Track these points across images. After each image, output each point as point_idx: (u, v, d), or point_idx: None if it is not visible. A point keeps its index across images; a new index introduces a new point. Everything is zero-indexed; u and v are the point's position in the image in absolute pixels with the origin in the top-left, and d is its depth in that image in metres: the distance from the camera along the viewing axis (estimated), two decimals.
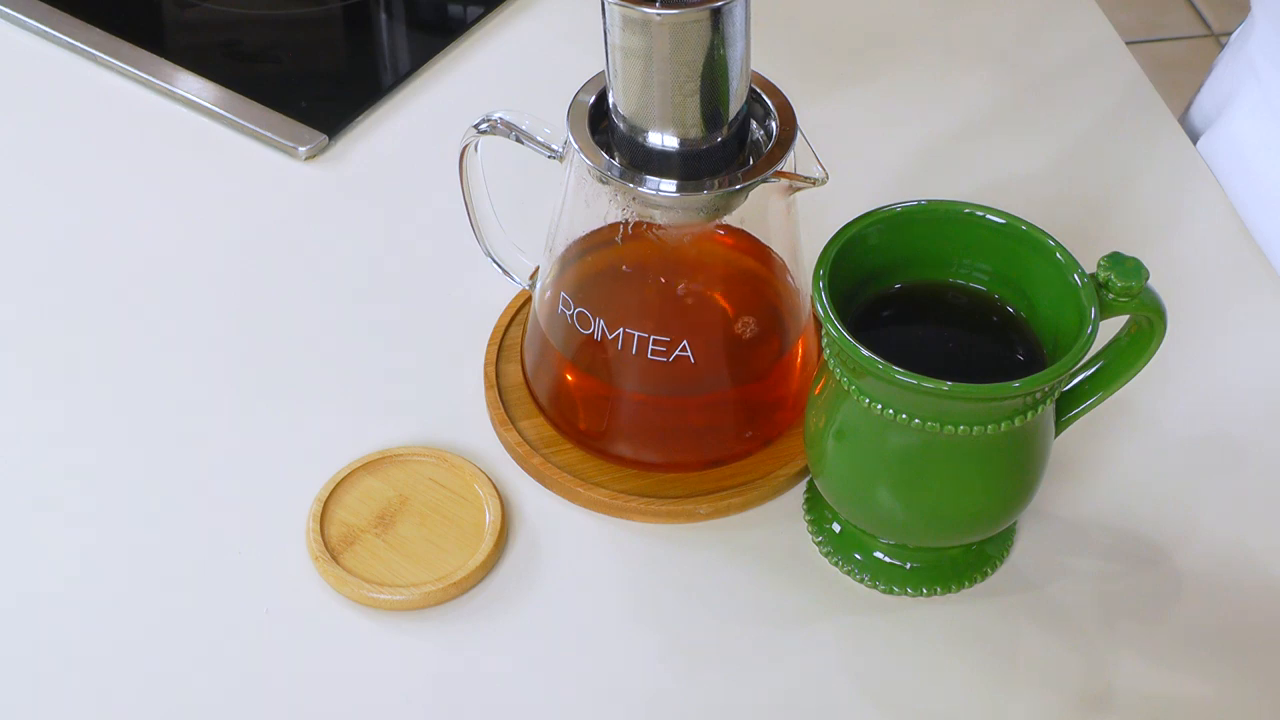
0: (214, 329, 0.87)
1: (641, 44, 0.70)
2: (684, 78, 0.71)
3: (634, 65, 0.71)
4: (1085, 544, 0.79)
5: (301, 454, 0.81)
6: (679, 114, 0.72)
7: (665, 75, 0.71)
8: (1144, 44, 2.17)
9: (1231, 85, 0.99)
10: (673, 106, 0.72)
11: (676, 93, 0.72)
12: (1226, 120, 0.97)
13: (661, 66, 0.71)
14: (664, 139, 0.73)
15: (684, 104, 0.72)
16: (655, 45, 0.70)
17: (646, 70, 0.71)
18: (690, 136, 0.73)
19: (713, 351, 0.79)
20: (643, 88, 0.72)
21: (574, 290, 0.79)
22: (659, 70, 0.71)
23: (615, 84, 0.73)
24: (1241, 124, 0.96)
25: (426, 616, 0.75)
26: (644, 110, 0.72)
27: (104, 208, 0.93)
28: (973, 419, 0.70)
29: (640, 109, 0.72)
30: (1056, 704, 0.74)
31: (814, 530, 0.79)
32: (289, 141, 0.96)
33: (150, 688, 0.73)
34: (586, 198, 0.76)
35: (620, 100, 0.73)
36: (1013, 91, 1.01)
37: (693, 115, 0.72)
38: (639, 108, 0.72)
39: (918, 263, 0.75)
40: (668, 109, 0.72)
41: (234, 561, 0.77)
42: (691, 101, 0.72)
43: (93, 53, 1.00)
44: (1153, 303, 0.72)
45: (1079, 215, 0.93)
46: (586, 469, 0.80)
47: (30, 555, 0.78)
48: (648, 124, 0.73)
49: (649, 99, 0.72)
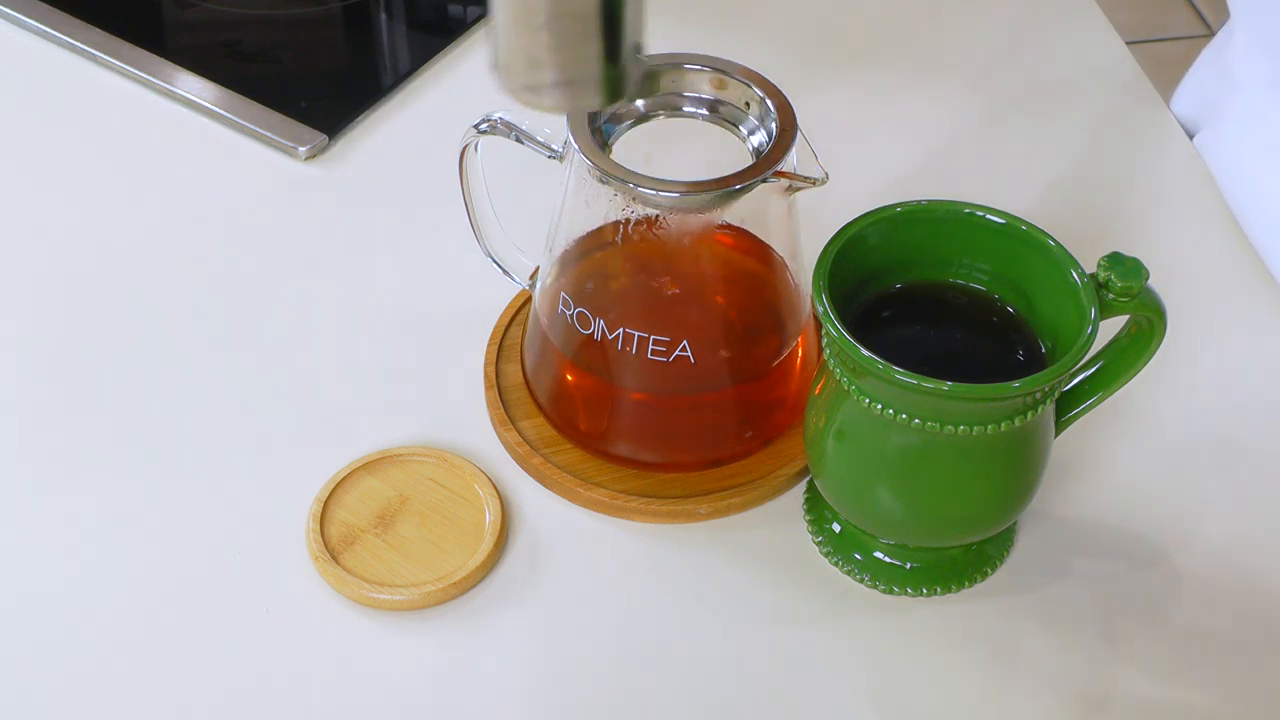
0: (214, 329, 0.87)
1: None
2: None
3: None
4: (1085, 544, 0.79)
5: (301, 454, 0.81)
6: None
7: None
8: (1144, 44, 2.17)
9: (1214, 91, 0.99)
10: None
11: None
12: (1213, 127, 0.97)
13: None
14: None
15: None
16: None
17: None
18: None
19: (712, 351, 0.79)
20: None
21: (574, 290, 0.79)
22: None
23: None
24: (1229, 129, 0.96)
25: (426, 616, 0.75)
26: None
27: (104, 208, 0.93)
28: (973, 419, 0.70)
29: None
30: (1056, 704, 0.74)
31: (814, 530, 0.79)
32: (289, 141, 0.96)
33: (150, 687, 0.73)
34: (586, 198, 0.76)
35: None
36: (1013, 91, 1.01)
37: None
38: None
39: (918, 263, 0.75)
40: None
41: (234, 561, 0.77)
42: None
43: (93, 53, 1.00)
44: (1153, 303, 0.72)
45: (1079, 215, 0.93)
46: (586, 469, 0.80)
47: (30, 555, 0.78)
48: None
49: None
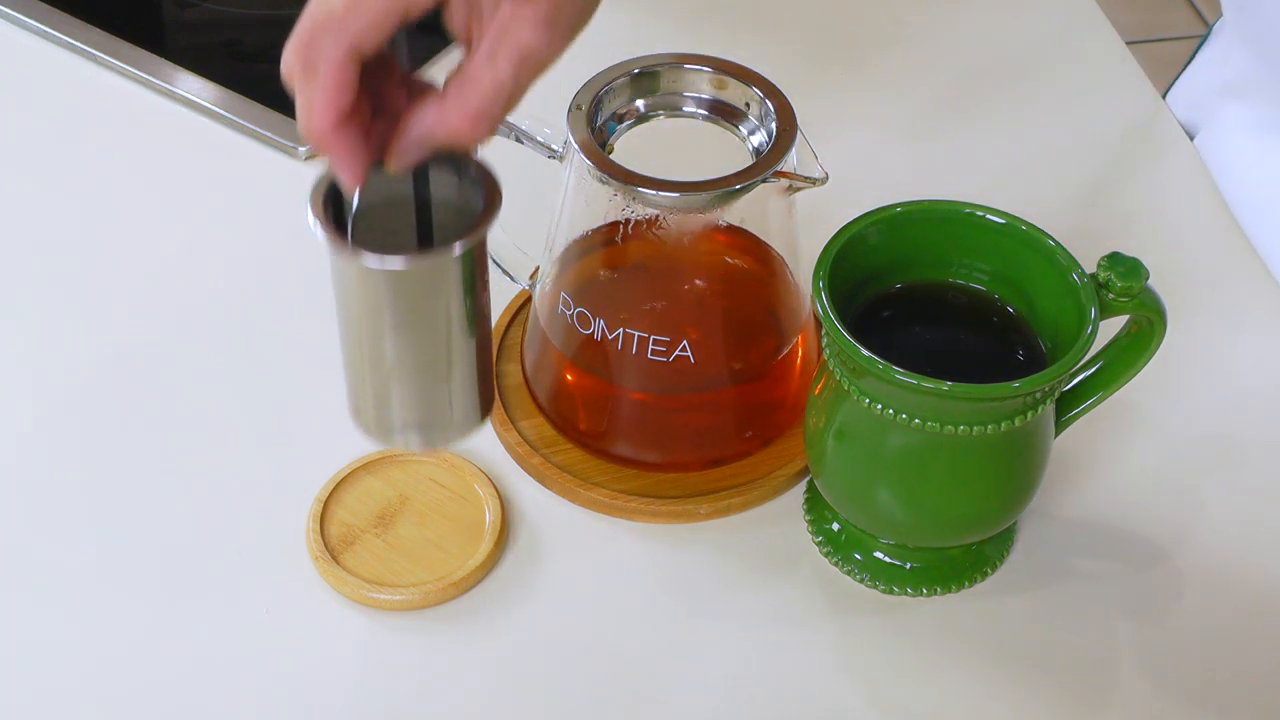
0: (214, 329, 0.87)
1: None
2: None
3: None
4: (1085, 544, 0.79)
5: (301, 454, 0.81)
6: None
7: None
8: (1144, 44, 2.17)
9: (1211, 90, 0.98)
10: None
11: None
12: (1211, 127, 0.97)
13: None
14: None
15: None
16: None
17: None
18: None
19: (712, 351, 0.79)
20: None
21: (574, 290, 0.79)
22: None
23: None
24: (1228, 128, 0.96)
25: (426, 616, 0.75)
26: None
27: (104, 208, 0.93)
28: (973, 419, 0.70)
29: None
30: (1057, 704, 0.74)
31: (814, 530, 0.79)
32: (289, 141, 0.96)
33: (150, 687, 0.73)
34: (586, 198, 0.77)
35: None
36: (1013, 92, 1.01)
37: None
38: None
39: (918, 263, 0.75)
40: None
41: (234, 561, 0.77)
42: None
43: (93, 53, 1.00)
44: (1153, 303, 0.72)
45: (1079, 215, 0.93)
46: (586, 469, 0.80)
47: (29, 555, 0.77)
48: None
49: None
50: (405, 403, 0.68)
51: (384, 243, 0.66)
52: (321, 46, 0.61)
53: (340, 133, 0.62)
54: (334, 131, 0.62)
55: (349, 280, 0.66)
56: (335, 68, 0.61)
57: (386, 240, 0.66)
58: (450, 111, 0.63)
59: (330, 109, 0.62)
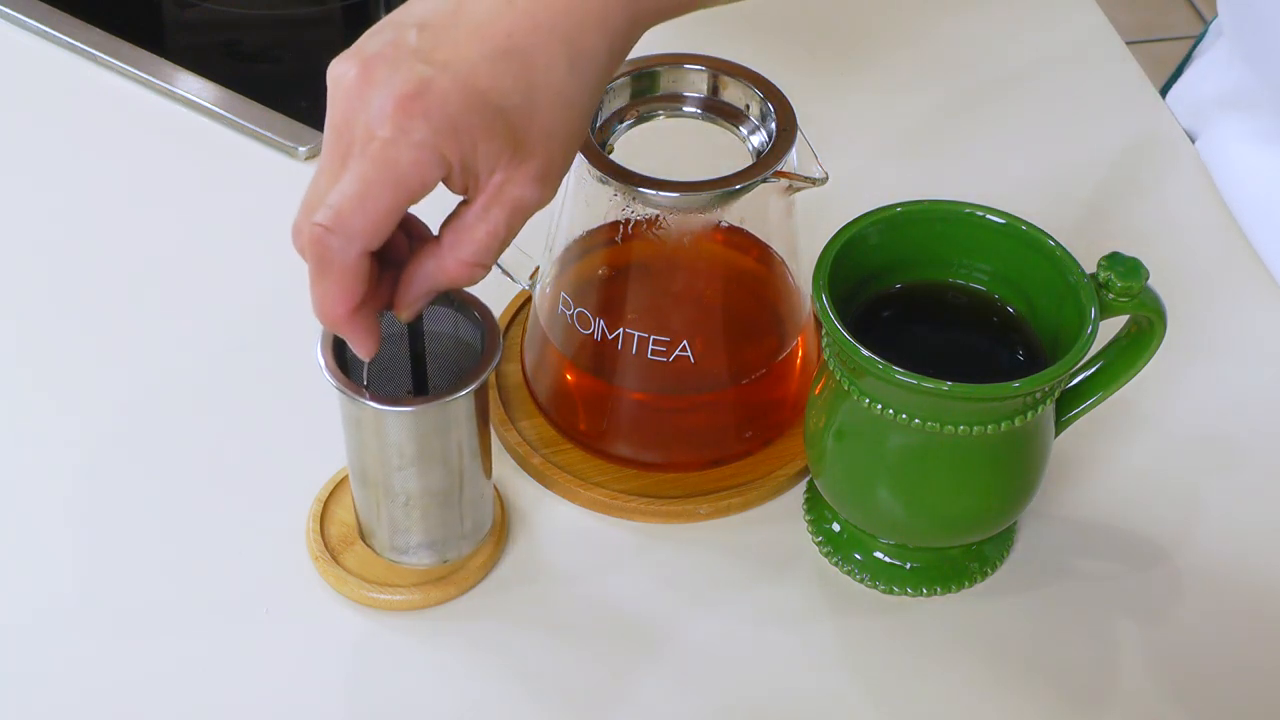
0: (214, 329, 0.87)
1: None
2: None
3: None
4: (1085, 544, 0.79)
5: (301, 454, 0.81)
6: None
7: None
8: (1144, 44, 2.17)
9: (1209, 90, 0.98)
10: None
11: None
12: (1211, 127, 0.97)
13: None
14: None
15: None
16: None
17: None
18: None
19: (712, 351, 0.79)
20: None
21: (574, 290, 0.79)
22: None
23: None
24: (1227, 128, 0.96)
25: (426, 616, 0.75)
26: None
27: (104, 208, 0.93)
28: (973, 419, 0.70)
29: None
30: (1056, 704, 0.74)
31: (814, 530, 0.79)
32: (289, 141, 0.96)
33: (150, 687, 0.73)
34: (586, 198, 0.77)
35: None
36: (1013, 91, 1.01)
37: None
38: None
39: (918, 263, 0.75)
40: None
41: (234, 561, 0.77)
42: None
43: (93, 53, 1.00)
44: (1153, 303, 0.72)
45: (1079, 215, 0.93)
46: (586, 469, 0.80)
47: (29, 555, 0.77)
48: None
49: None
50: (417, 527, 0.72)
51: (384, 374, 0.71)
52: (332, 248, 0.63)
53: (353, 319, 0.65)
54: (349, 320, 0.65)
55: (360, 421, 0.69)
56: (348, 269, 0.64)
57: (386, 371, 0.71)
58: (447, 261, 0.66)
59: (344, 305, 0.65)
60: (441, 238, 0.67)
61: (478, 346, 0.70)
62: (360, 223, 0.63)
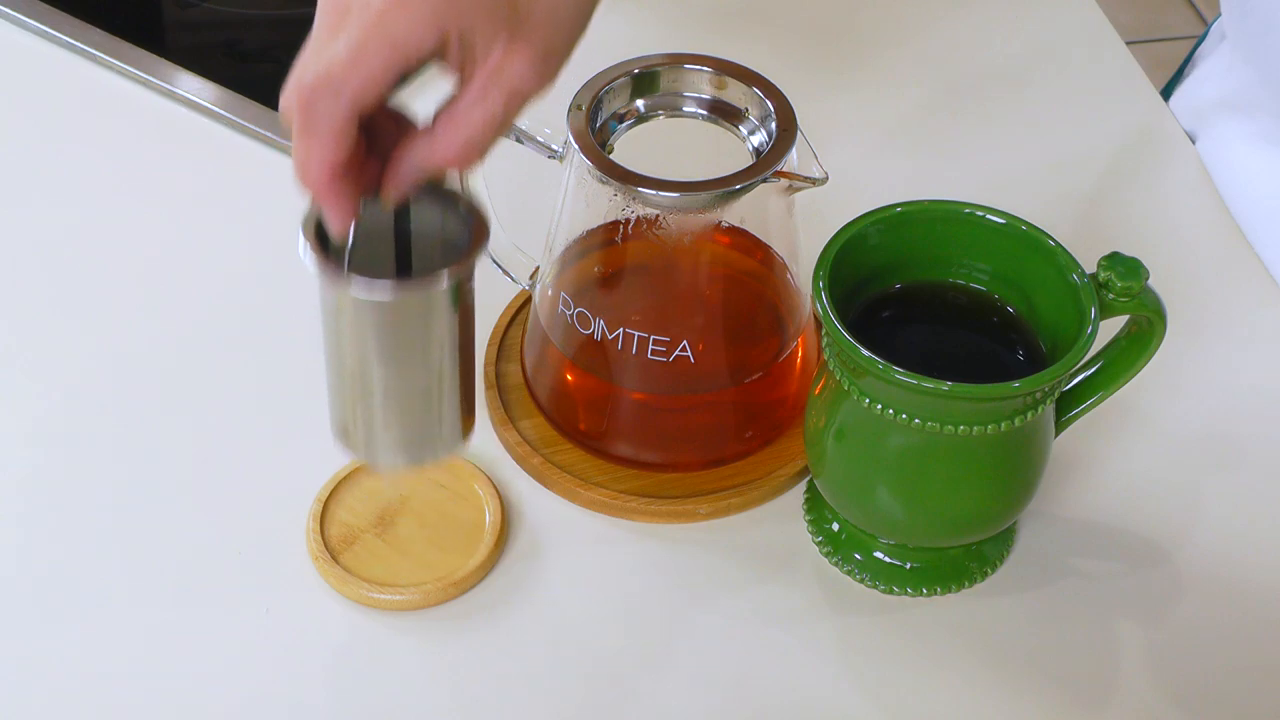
0: (214, 328, 0.87)
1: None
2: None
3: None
4: (1085, 544, 0.79)
5: (301, 454, 0.81)
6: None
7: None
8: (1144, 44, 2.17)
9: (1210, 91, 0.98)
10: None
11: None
12: (1211, 127, 0.97)
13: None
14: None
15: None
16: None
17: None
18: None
19: (712, 351, 0.79)
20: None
21: (574, 290, 0.79)
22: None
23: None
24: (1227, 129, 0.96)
25: (426, 616, 0.75)
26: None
27: (104, 208, 0.93)
28: (973, 419, 0.70)
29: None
30: (1056, 704, 0.74)
31: (814, 530, 0.79)
32: (289, 141, 0.95)
33: (150, 687, 0.73)
34: (586, 198, 0.77)
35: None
36: (1013, 91, 1.01)
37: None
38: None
39: (918, 263, 0.75)
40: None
41: (234, 561, 0.77)
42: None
43: (93, 53, 1.00)
44: (1153, 303, 0.72)
45: (1079, 215, 0.93)
46: (586, 469, 0.80)
47: (29, 555, 0.77)
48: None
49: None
50: (393, 425, 0.70)
51: (365, 272, 0.67)
52: (321, 104, 0.62)
53: (334, 184, 0.64)
54: (329, 184, 0.64)
55: (340, 309, 0.67)
56: (335, 128, 0.63)
57: (367, 269, 0.68)
58: (440, 142, 0.64)
59: (327, 166, 0.63)
60: (435, 122, 0.65)
61: (464, 247, 0.67)
62: (352, 81, 0.61)
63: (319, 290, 0.67)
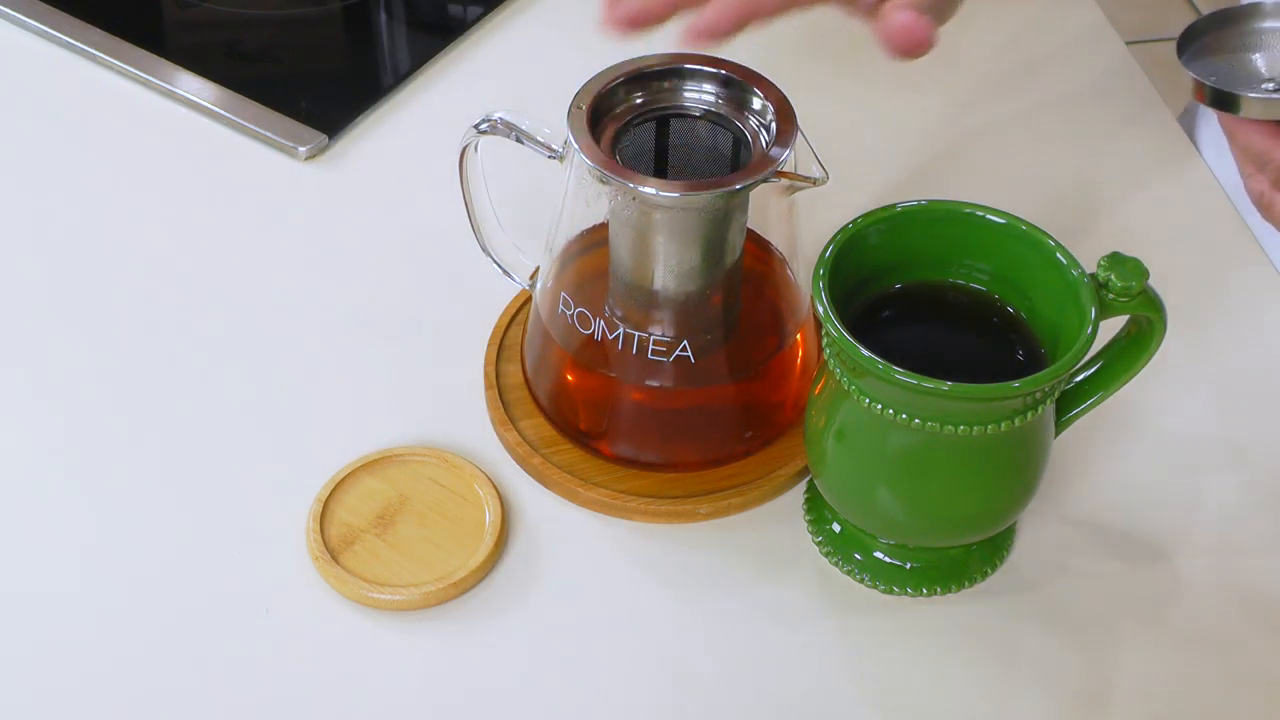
0: (214, 329, 0.87)
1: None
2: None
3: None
4: (1085, 544, 0.79)
5: (301, 454, 0.81)
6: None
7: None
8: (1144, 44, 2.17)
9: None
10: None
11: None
12: (1212, 126, 0.97)
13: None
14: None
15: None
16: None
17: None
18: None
19: (712, 352, 0.79)
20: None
21: (574, 290, 0.79)
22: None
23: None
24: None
25: (426, 616, 0.75)
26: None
27: (104, 208, 0.93)
28: (973, 419, 0.70)
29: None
30: (1056, 704, 0.74)
31: (814, 530, 0.79)
32: (289, 141, 0.96)
33: (150, 687, 0.73)
34: (586, 198, 0.76)
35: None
36: (1013, 91, 1.01)
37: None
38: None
39: (918, 263, 0.75)
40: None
41: (234, 561, 0.77)
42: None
43: (93, 53, 1.00)
44: (1153, 303, 0.72)
45: (1079, 215, 0.93)
46: (586, 469, 0.80)
47: (29, 555, 0.78)
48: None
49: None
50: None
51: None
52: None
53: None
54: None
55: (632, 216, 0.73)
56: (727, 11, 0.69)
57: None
58: None
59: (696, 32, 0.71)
60: None
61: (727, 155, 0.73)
62: None
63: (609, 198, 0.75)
